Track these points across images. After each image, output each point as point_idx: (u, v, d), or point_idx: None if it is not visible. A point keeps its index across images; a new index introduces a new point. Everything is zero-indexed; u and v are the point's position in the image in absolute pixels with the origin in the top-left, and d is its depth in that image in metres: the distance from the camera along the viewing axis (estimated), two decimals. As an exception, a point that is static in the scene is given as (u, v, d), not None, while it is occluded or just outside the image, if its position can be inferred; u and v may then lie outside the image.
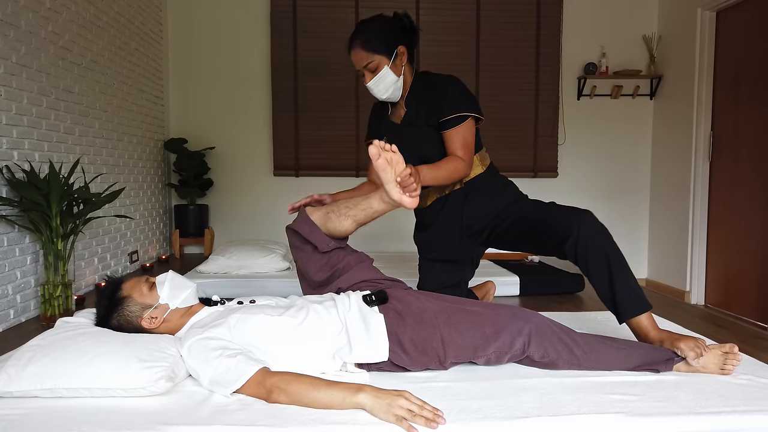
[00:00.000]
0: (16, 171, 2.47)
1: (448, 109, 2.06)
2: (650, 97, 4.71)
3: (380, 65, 2.06)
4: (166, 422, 1.27)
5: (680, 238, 4.31)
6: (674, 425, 1.32)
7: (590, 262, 1.81)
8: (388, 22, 2.10)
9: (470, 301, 1.73)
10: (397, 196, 1.70)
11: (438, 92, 2.11)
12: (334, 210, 1.84)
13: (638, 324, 1.76)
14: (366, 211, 1.81)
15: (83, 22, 3.10)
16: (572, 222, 1.85)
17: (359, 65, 2.09)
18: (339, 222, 1.81)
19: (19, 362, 1.43)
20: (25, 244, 2.55)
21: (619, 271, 1.77)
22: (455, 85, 2.12)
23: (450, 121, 2.06)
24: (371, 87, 2.10)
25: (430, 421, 1.25)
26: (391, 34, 2.07)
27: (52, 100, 2.80)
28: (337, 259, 1.85)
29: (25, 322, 2.53)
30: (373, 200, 1.80)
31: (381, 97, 2.14)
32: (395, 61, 2.08)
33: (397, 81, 2.10)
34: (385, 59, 2.06)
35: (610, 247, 1.80)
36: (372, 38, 2.05)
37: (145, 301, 1.63)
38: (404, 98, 2.18)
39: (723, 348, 1.64)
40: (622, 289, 1.76)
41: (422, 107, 2.14)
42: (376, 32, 2.06)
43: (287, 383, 1.36)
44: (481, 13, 4.54)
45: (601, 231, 1.83)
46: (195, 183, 4.35)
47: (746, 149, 3.77)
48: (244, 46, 4.53)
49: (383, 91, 2.11)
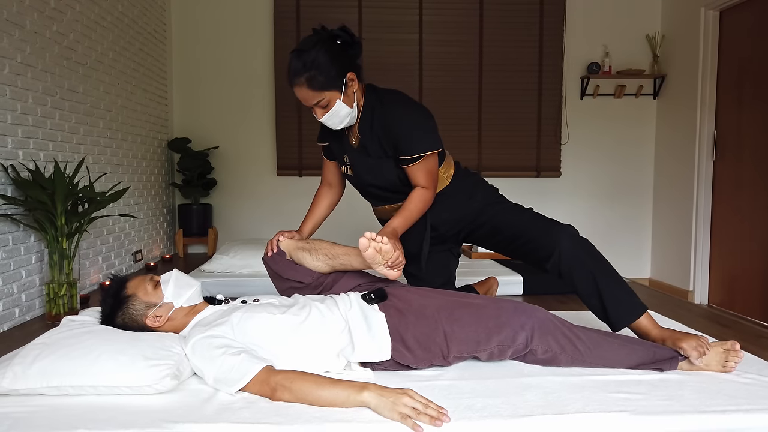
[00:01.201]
0: (21, 170, 2.48)
1: (406, 149, 1.89)
2: (653, 96, 4.71)
3: (331, 101, 1.82)
4: (172, 420, 1.28)
5: (684, 238, 4.30)
6: (679, 424, 1.32)
7: (575, 280, 1.81)
8: (329, 48, 1.79)
9: (472, 295, 1.74)
10: (383, 272, 1.76)
11: (395, 124, 1.91)
12: (310, 250, 1.92)
13: (637, 325, 1.76)
14: (345, 266, 1.91)
15: (87, 22, 3.11)
16: (552, 241, 1.83)
17: (307, 103, 1.85)
18: (314, 264, 1.91)
19: (25, 360, 1.43)
20: (30, 243, 2.56)
21: (606, 284, 1.77)
22: (411, 116, 1.91)
23: (411, 159, 1.90)
24: (325, 121, 1.89)
25: (435, 419, 1.25)
26: (337, 63, 1.79)
27: (57, 99, 2.81)
28: (322, 279, 1.92)
29: (30, 320, 2.54)
30: (354, 261, 1.87)
31: (336, 128, 1.93)
32: (346, 92, 1.84)
33: (351, 112, 1.89)
34: (336, 93, 1.82)
35: (594, 263, 1.80)
36: (317, 75, 1.77)
37: (149, 299, 1.63)
38: (357, 124, 1.97)
39: (724, 345, 1.64)
40: (611, 301, 1.76)
41: (376, 138, 1.96)
42: (320, 67, 1.77)
43: (291, 381, 1.36)
44: (484, 12, 4.54)
45: (581, 247, 1.82)
46: (199, 182, 4.36)
47: (750, 149, 3.76)
48: (248, 45, 4.54)
49: (338, 123, 1.90)
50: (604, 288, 1.77)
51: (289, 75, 1.82)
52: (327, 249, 1.91)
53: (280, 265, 1.95)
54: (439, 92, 4.56)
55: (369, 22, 4.51)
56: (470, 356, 1.63)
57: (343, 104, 1.84)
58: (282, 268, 1.94)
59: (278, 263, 1.95)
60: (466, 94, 4.59)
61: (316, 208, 2.22)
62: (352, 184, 2.17)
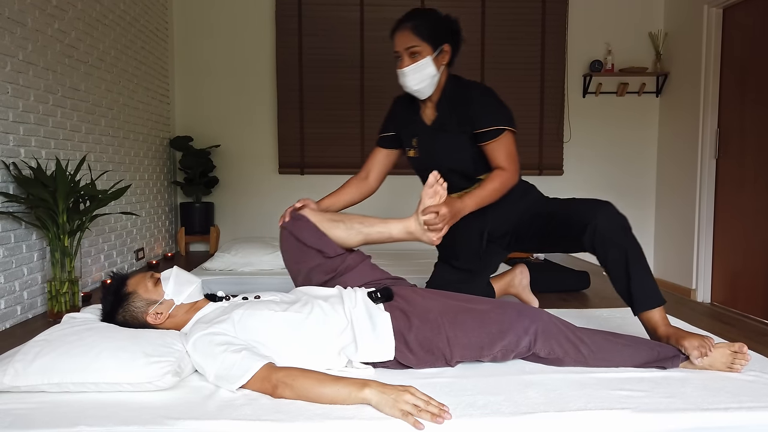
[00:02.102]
0: (23, 168, 2.49)
1: (487, 120, 2.00)
2: (656, 94, 4.69)
3: (423, 53, 1.97)
4: (173, 417, 1.28)
5: (686, 236, 4.29)
6: (681, 421, 1.31)
7: (608, 254, 1.78)
8: (442, 18, 2.03)
9: (476, 298, 1.71)
10: (418, 226, 1.76)
11: (474, 101, 2.04)
12: (343, 221, 1.84)
13: (650, 318, 1.74)
14: (381, 235, 1.83)
15: (89, 20, 3.11)
16: (590, 213, 1.82)
17: (401, 46, 1.98)
18: (346, 234, 1.82)
19: (27, 357, 1.43)
20: (32, 241, 2.57)
21: (637, 265, 1.75)
22: (492, 96, 2.06)
23: (489, 133, 1.99)
24: (406, 72, 1.98)
25: (436, 417, 1.25)
26: (442, 29, 2.00)
27: (59, 97, 2.81)
28: (339, 260, 1.84)
29: (32, 318, 2.55)
30: (393, 227, 1.83)
31: (411, 87, 2.01)
32: (438, 57, 2.00)
33: (434, 76, 2.00)
34: (430, 50, 1.97)
35: (629, 241, 1.78)
36: (423, 25, 1.97)
37: (150, 296, 1.63)
38: (435, 101, 2.09)
39: (732, 347, 1.62)
40: (638, 282, 1.74)
41: (455, 114, 2.06)
42: (429, 21, 1.99)
43: (293, 378, 1.36)
44: (486, 10, 4.54)
45: (620, 224, 1.80)
46: (200, 181, 4.36)
47: (753, 147, 3.75)
48: (250, 44, 4.54)
49: (417, 81, 2.00)
50: (633, 268, 1.75)
51: (399, 19, 2.00)
52: (360, 218, 1.84)
53: (305, 232, 1.81)
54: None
55: (371, 20, 4.50)
56: (473, 361, 1.62)
57: (431, 62, 1.97)
58: (306, 235, 1.81)
59: (302, 230, 1.81)
60: (468, 92, 4.58)
61: (341, 192, 2.19)
62: (417, 168, 2.19)
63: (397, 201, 4.46)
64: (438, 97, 2.08)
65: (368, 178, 2.25)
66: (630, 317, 2.23)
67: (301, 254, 1.84)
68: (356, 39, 4.51)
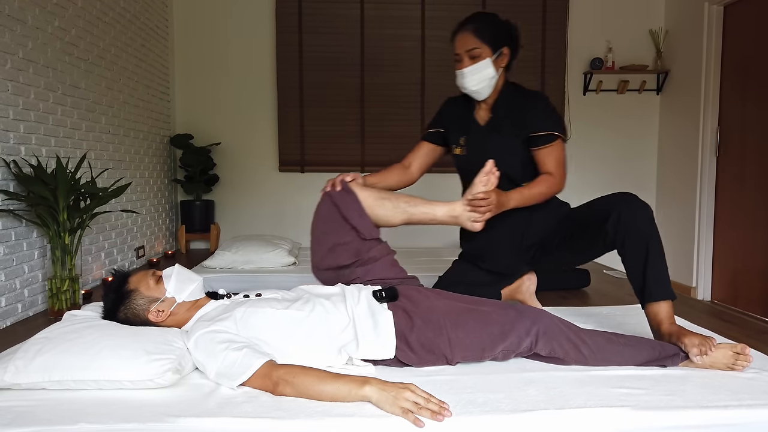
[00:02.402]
0: (23, 166, 2.49)
1: (543, 125, 2.06)
2: (657, 92, 4.69)
3: (483, 55, 2.04)
4: (174, 414, 1.28)
5: (687, 234, 4.29)
6: (681, 419, 1.32)
7: (629, 240, 1.79)
8: (503, 22, 2.11)
9: (480, 300, 1.71)
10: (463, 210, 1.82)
11: (531, 106, 2.11)
12: (390, 199, 1.84)
13: (657, 312, 1.74)
14: (426, 215, 1.85)
15: (89, 18, 3.11)
16: (615, 201, 1.85)
17: (462, 48, 2.06)
18: (392, 213, 1.82)
19: (27, 354, 1.44)
20: (33, 239, 2.57)
21: (656, 256, 1.75)
22: (548, 103, 2.13)
23: (542, 138, 2.06)
24: (465, 73, 2.05)
25: (436, 414, 1.25)
26: (502, 32, 2.08)
27: (59, 95, 2.81)
28: (366, 247, 1.82)
29: (32, 316, 2.55)
30: (438, 209, 1.84)
31: (470, 87, 2.08)
32: (497, 60, 2.07)
33: (493, 78, 2.07)
34: (490, 52, 2.05)
35: (652, 232, 1.78)
36: (485, 28, 2.05)
37: (151, 294, 1.63)
38: (490, 103, 2.16)
39: (735, 348, 1.61)
40: (653, 272, 1.75)
41: (511, 116, 2.12)
42: (490, 24, 2.07)
43: (293, 376, 1.36)
44: (487, 8, 4.52)
45: (645, 213, 1.80)
46: (201, 179, 4.36)
47: (753, 144, 3.74)
48: (250, 41, 4.53)
49: (476, 82, 2.07)
50: (651, 258, 1.75)
51: (461, 22, 2.09)
52: (406, 198, 1.86)
53: (349, 206, 1.78)
54: (441, 88, 4.54)
55: (371, 17, 4.50)
56: (474, 361, 1.62)
57: (490, 64, 2.05)
58: (350, 210, 1.78)
59: (348, 203, 1.78)
60: (468, 89, 4.58)
61: (386, 175, 2.20)
62: (463, 166, 2.23)
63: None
64: (494, 99, 2.15)
65: (410, 168, 2.29)
66: (630, 315, 2.24)
67: (335, 226, 1.81)
68: (356, 36, 4.51)
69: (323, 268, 1.86)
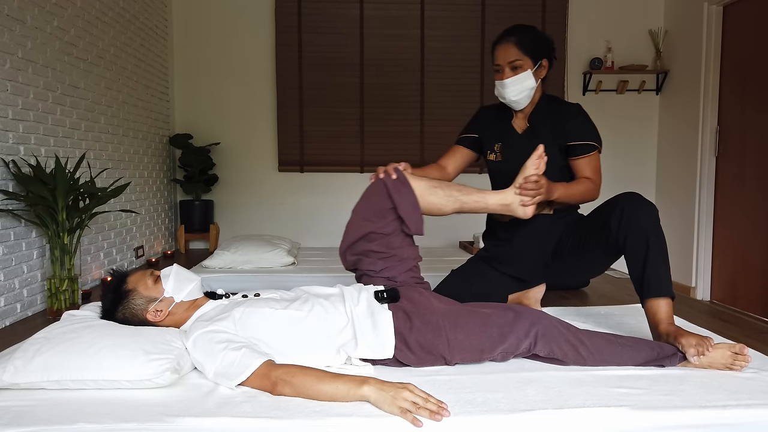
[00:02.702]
0: (22, 165, 2.48)
1: (581, 135, 2.12)
2: (656, 92, 4.69)
3: (524, 67, 2.10)
4: (172, 414, 1.28)
5: (686, 234, 4.29)
6: (680, 419, 1.32)
7: (630, 236, 1.80)
8: (543, 35, 2.18)
9: (481, 303, 1.72)
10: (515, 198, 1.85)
11: (569, 116, 2.18)
12: (442, 187, 1.84)
13: (656, 311, 1.74)
14: (477, 204, 1.86)
15: (89, 18, 3.11)
16: (620, 198, 1.88)
17: (504, 60, 2.11)
18: (444, 201, 1.82)
19: (26, 354, 1.44)
20: (32, 239, 2.57)
21: (657, 253, 1.76)
22: (586, 115, 2.19)
23: (582, 148, 2.12)
24: (507, 84, 2.11)
25: (435, 414, 1.25)
26: (543, 45, 2.14)
27: (58, 95, 2.81)
28: (399, 243, 1.80)
29: (31, 315, 2.55)
30: (490, 198, 1.86)
31: (510, 97, 2.14)
32: (537, 71, 2.13)
33: (533, 89, 2.13)
34: (531, 63, 2.10)
35: (654, 229, 1.78)
36: (527, 40, 2.10)
37: (150, 294, 1.63)
38: (527, 113, 2.22)
39: (733, 348, 1.61)
40: (653, 268, 1.75)
41: (548, 125, 2.18)
42: (531, 36, 2.12)
43: (292, 375, 1.37)
44: (486, 7, 4.53)
45: (648, 210, 1.81)
46: (200, 178, 4.35)
47: (753, 144, 3.75)
48: (249, 41, 4.53)
49: (516, 92, 2.12)
50: (652, 254, 1.75)
51: (502, 34, 2.13)
52: (458, 187, 1.87)
53: (403, 197, 1.74)
54: (441, 88, 4.55)
55: (370, 17, 4.50)
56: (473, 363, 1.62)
57: (531, 75, 2.11)
58: (403, 201, 1.74)
59: (402, 194, 1.74)
60: (468, 89, 4.58)
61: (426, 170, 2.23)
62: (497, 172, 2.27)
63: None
64: (531, 109, 2.21)
65: (447, 168, 2.35)
66: (629, 315, 2.24)
67: (380, 214, 1.77)
68: (356, 36, 4.51)
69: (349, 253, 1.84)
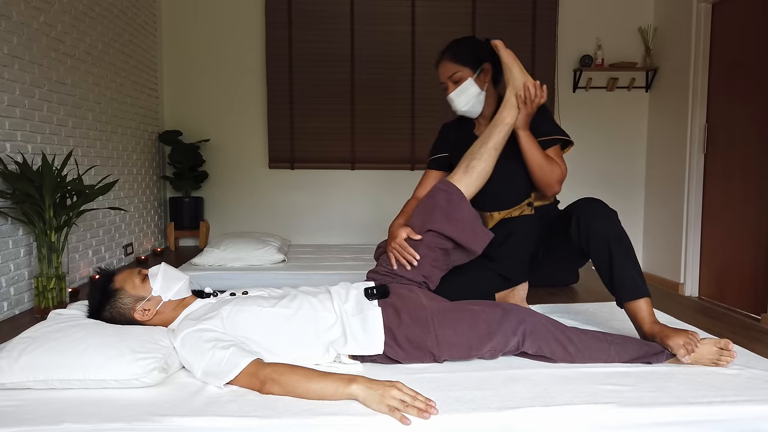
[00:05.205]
0: (8, 163, 2.46)
1: (544, 130, 2.10)
2: (646, 89, 4.71)
3: (464, 77, 2.09)
4: (160, 413, 1.27)
5: (675, 230, 4.32)
6: (666, 415, 1.33)
7: (591, 243, 1.80)
8: (480, 41, 2.16)
9: (471, 301, 1.72)
10: (523, 80, 1.95)
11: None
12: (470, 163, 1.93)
13: (636, 312, 1.75)
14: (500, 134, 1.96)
15: (76, 13, 3.08)
16: (577, 205, 1.89)
17: (444, 76, 2.12)
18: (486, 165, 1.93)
19: (12, 354, 1.43)
20: (19, 237, 2.55)
21: (620, 256, 1.76)
22: (547, 110, 2.17)
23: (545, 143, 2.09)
24: (452, 98, 2.12)
25: (423, 412, 1.25)
26: (479, 50, 2.12)
27: (45, 91, 2.78)
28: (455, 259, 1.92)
29: (19, 314, 2.53)
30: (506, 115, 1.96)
31: (461, 109, 2.14)
32: (480, 76, 2.11)
33: (480, 94, 2.11)
34: (470, 71, 2.09)
35: (613, 231, 1.79)
36: (460, 51, 2.11)
37: (137, 293, 1.62)
38: (488, 117, 2.18)
39: (719, 344, 1.62)
40: (619, 272, 1.75)
41: None
42: (465, 46, 2.13)
43: (280, 374, 1.36)
44: (476, 4, 4.53)
45: (603, 214, 1.82)
46: (190, 175, 4.33)
47: (741, 141, 3.77)
48: (239, 37, 4.51)
49: (464, 103, 2.12)
50: (616, 258, 1.76)
51: (438, 55, 2.15)
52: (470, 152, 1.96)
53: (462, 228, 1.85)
54: (431, 84, 4.55)
55: (361, 14, 4.48)
56: (461, 360, 1.63)
57: (473, 83, 2.09)
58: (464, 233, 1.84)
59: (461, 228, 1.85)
60: (458, 86, 4.57)
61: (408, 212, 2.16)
62: None
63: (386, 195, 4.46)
64: (491, 113, 2.17)
65: None
66: (618, 312, 2.24)
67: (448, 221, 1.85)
68: (347, 33, 4.50)
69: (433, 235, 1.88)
